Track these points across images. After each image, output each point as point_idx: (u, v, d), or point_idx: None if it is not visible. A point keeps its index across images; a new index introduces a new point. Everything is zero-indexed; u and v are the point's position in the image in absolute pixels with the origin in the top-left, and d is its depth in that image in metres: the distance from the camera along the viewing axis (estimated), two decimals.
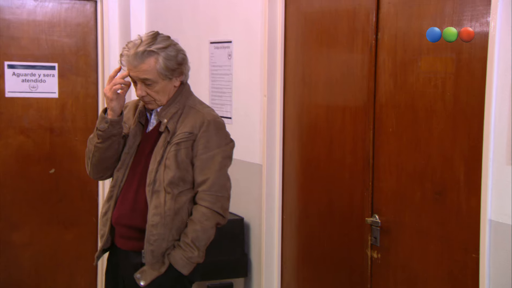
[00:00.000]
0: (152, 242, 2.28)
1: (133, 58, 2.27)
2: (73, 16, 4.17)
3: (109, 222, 2.39)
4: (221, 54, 3.56)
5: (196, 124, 2.33)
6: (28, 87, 4.07)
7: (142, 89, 2.31)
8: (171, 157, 2.31)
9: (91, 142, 2.40)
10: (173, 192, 2.30)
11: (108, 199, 2.42)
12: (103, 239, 2.42)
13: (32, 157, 4.10)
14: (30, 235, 4.11)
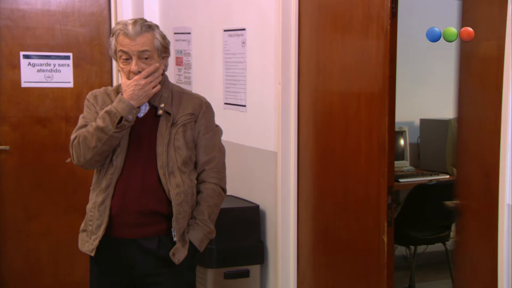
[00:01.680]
0: (180, 221, 2.35)
1: (133, 31, 2.29)
2: (87, 6, 4.18)
3: (107, 211, 2.32)
4: (235, 42, 3.55)
5: (196, 106, 2.44)
6: (44, 77, 4.10)
7: (139, 64, 2.31)
8: (180, 138, 2.39)
9: (104, 131, 2.27)
10: (187, 171, 2.39)
11: (106, 187, 2.33)
12: (99, 229, 2.32)
13: (48, 147, 4.13)
14: (47, 224, 4.15)
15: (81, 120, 2.41)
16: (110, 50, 2.39)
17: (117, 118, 2.27)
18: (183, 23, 4.02)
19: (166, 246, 2.35)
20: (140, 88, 2.28)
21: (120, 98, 2.30)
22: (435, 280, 4.63)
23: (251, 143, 3.49)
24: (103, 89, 2.47)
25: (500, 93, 2.07)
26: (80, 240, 2.43)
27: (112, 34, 2.36)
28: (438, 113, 4.81)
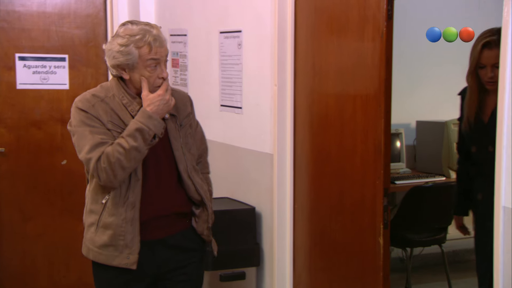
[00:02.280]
0: (211, 216, 2.47)
1: (162, 37, 2.30)
2: (82, 7, 4.17)
3: (138, 223, 2.30)
4: (231, 44, 3.55)
5: (188, 103, 2.50)
6: (39, 79, 4.09)
7: (166, 70, 2.32)
8: (189, 139, 2.45)
9: (139, 149, 2.22)
10: (198, 169, 2.49)
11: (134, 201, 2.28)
12: (134, 242, 2.30)
13: (44, 149, 4.12)
14: (43, 226, 4.14)
15: (91, 137, 2.25)
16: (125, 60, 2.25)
17: (151, 136, 2.24)
18: (179, 25, 4.02)
19: (189, 238, 2.45)
20: (165, 103, 2.26)
21: (148, 114, 2.24)
22: (431, 282, 4.63)
23: (247, 145, 3.49)
24: (92, 95, 2.32)
25: None
26: (103, 255, 2.32)
27: (134, 44, 2.24)
28: (434, 115, 4.81)
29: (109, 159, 2.21)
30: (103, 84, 2.42)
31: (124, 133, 2.25)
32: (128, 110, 2.31)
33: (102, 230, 2.32)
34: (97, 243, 2.33)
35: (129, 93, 2.33)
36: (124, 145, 2.21)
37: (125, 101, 2.31)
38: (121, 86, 2.33)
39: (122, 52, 2.25)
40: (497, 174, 2.04)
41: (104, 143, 2.24)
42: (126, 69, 2.28)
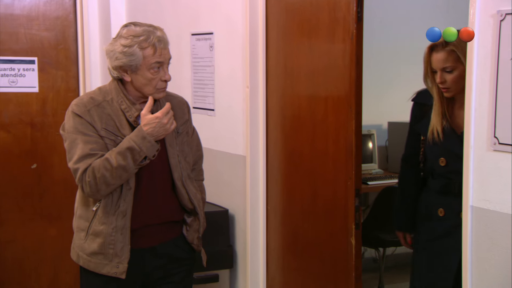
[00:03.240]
0: (202, 224, 2.47)
1: (166, 39, 2.27)
2: (52, 10, 4.12)
3: (129, 232, 2.27)
4: (203, 46, 3.54)
5: (185, 110, 2.46)
6: (7, 81, 4.02)
7: (169, 73, 2.29)
8: (186, 147, 2.43)
9: (126, 169, 2.19)
10: (192, 177, 2.47)
11: (125, 210, 2.25)
12: (124, 251, 2.26)
13: (13, 153, 4.05)
14: (13, 232, 4.07)
15: (82, 147, 2.22)
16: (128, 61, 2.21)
17: (141, 157, 2.20)
18: None
19: (180, 247, 2.43)
20: (161, 126, 2.21)
21: (143, 134, 2.19)
22: (404, 281, 4.66)
23: (219, 147, 3.48)
24: (90, 98, 2.27)
25: None
26: (92, 263, 2.29)
27: (137, 45, 2.20)
28: (406, 116, 4.83)
29: (94, 173, 2.19)
30: (101, 86, 2.36)
31: (115, 149, 2.20)
32: (126, 116, 2.27)
33: (92, 237, 2.29)
34: (86, 251, 2.31)
35: (128, 98, 2.28)
36: (112, 161, 2.17)
37: (123, 106, 2.27)
38: (120, 90, 2.28)
39: (125, 53, 2.20)
40: (465, 173, 2.07)
41: (93, 155, 2.20)
42: (128, 70, 2.24)
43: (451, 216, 2.49)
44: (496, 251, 2.00)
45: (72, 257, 2.38)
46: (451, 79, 2.47)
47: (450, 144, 2.51)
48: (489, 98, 1.99)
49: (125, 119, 2.26)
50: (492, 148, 1.98)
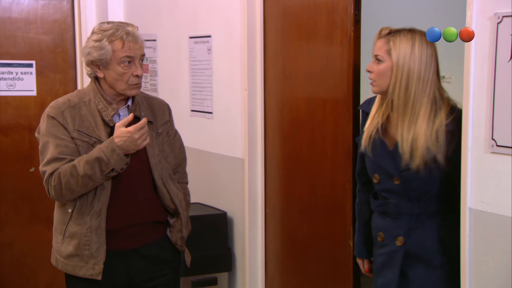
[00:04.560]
0: (186, 225, 2.45)
1: (137, 34, 2.28)
2: (50, 13, 4.12)
3: (104, 232, 2.27)
4: (201, 49, 3.54)
5: (166, 111, 2.48)
6: (5, 85, 4.02)
7: (141, 69, 2.29)
8: (166, 147, 2.43)
9: (92, 178, 2.19)
10: (174, 178, 2.46)
11: (100, 210, 2.25)
12: (100, 251, 2.26)
13: (11, 156, 4.05)
14: (11, 235, 4.06)
15: (52, 150, 2.23)
16: (98, 55, 2.23)
17: (109, 169, 2.20)
18: (149, 30, 4.00)
19: (164, 249, 2.42)
20: (132, 141, 2.19)
21: (113, 146, 2.18)
22: None
23: (218, 150, 3.48)
24: (66, 100, 2.30)
25: None
26: (69, 266, 2.30)
27: (107, 39, 2.23)
28: None
29: (60, 178, 2.21)
30: (81, 89, 2.40)
31: (85, 157, 2.21)
32: (102, 116, 2.28)
33: (68, 240, 2.29)
34: (63, 254, 2.31)
35: (105, 98, 2.30)
36: (79, 169, 2.19)
37: (100, 106, 2.29)
38: (98, 90, 2.30)
39: (95, 48, 2.24)
40: (463, 175, 2.07)
41: (61, 159, 2.22)
42: (100, 66, 2.26)
43: (389, 241, 2.23)
44: (494, 253, 2.00)
45: (52, 262, 2.37)
46: (377, 70, 2.16)
47: (380, 159, 2.22)
48: (487, 100, 1.99)
49: (101, 119, 2.28)
50: (490, 150, 1.99)
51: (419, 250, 2.18)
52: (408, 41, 2.12)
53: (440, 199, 2.18)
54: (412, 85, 2.10)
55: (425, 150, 2.10)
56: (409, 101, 2.11)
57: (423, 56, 2.11)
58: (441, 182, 2.15)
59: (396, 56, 2.12)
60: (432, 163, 2.11)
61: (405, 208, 2.19)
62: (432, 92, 2.12)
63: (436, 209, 2.18)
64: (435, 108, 2.12)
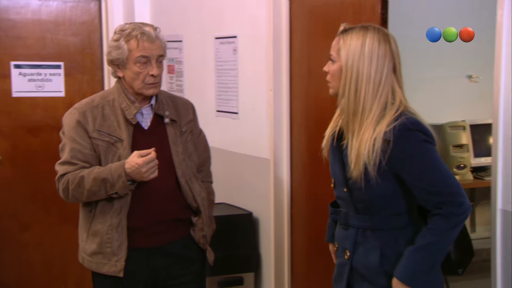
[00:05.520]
0: (209, 224, 2.47)
1: (153, 34, 2.30)
2: (78, 15, 4.17)
3: (125, 230, 2.30)
4: (226, 49, 3.55)
5: (190, 110, 2.51)
6: (35, 86, 4.09)
7: (157, 68, 2.31)
8: (190, 145, 2.45)
9: (96, 195, 2.26)
10: (198, 176, 2.48)
11: (120, 208, 2.29)
12: (121, 249, 2.30)
13: (40, 156, 4.11)
14: (40, 235, 4.13)
15: (66, 153, 2.30)
16: (116, 54, 2.28)
17: (113, 192, 2.25)
18: (175, 31, 4.02)
19: (188, 247, 2.43)
20: (139, 173, 2.21)
21: (120, 172, 2.22)
22: None
23: (243, 150, 3.49)
24: (89, 100, 2.36)
25: None
26: (93, 263, 2.35)
27: (124, 38, 2.28)
28: (430, 118, 4.79)
29: (67, 185, 2.29)
30: (108, 89, 2.46)
31: (95, 172, 2.26)
32: (125, 114, 2.32)
33: (92, 238, 2.34)
34: (87, 251, 2.35)
35: (128, 97, 2.34)
36: (86, 183, 2.25)
37: (123, 105, 2.33)
38: (121, 90, 2.35)
39: (114, 47, 2.30)
40: (493, 177, 2.04)
41: (73, 164, 2.29)
42: (119, 65, 2.32)
43: (340, 253, 2.11)
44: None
45: (79, 260, 2.43)
46: (331, 71, 2.03)
47: (334, 165, 2.11)
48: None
49: (123, 118, 2.32)
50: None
51: (362, 268, 1.98)
52: (358, 40, 1.91)
53: (388, 214, 1.93)
54: (362, 88, 1.89)
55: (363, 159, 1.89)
56: (358, 106, 1.90)
57: (374, 56, 1.90)
58: (383, 195, 1.91)
59: (345, 56, 1.92)
60: (369, 173, 1.89)
61: (353, 219, 2.00)
62: (384, 95, 1.89)
63: (383, 225, 1.94)
64: (384, 114, 1.88)
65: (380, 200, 1.92)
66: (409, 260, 1.83)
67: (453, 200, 1.81)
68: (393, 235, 1.92)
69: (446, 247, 1.85)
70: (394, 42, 1.97)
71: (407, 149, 1.83)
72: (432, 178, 1.82)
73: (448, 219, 1.81)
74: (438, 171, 1.83)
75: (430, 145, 1.85)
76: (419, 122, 1.89)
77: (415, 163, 1.83)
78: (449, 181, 1.84)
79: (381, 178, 1.87)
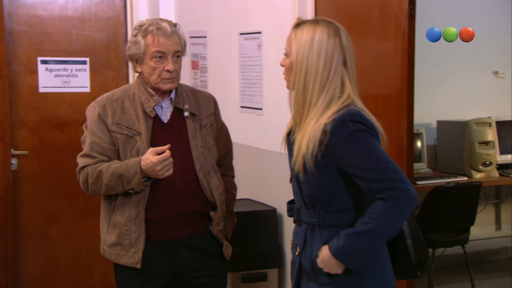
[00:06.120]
0: (229, 218, 2.49)
1: (170, 30, 2.31)
2: (103, 11, 4.20)
3: (143, 222, 2.33)
4: (251, 45, 3.55)
5: (211, 104, 2.51)
6: (61, 82, 4.13)
7: (174, 64, 2.32)
8: (210, 139, 2.45)
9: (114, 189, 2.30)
10: (218, 170, 2.48)
11: (139, 200, 2.32)
12: (139, 241, 2.33)
13: (66, 151, 4.15)
14: (66, 229, 4.18)
15: (87, 145, 2.35)
16: (134, 50, 2.32)
17: (129, 187, 2.28)
18: (199, 27, 4.03)
19: (208, 241, 2.44)
20: (153, 171, 2.24)
21: (136, 169, 2.25)
22: (454, 283, 4.59)
23: (268, 146, 3.49)
24: (110, 94, 2.40)
25: None
26: (113, 254, 2.39)
27: (141, 34, 2.31)
28: (455, 115, 4.78)
29: (87, 178, 2.34)
30: (130, 83, 2.49)
31: (113, 167, 2.29)
32: (144, 108, 2.35)
33: (112, 229, 2.38)
34: (107, 242, 2.40)
35: (147, 91, 2.37)
36: (104, 177, 2.29)
37: (143, 99, 2.36)
38: (142, 84, 2.38)
39: (132, 42, 2.34)
40: None
41: (92, 157, 2.34)
42: (137, 60, 2.35)
43: (294, 249, 2.06)
44: None
45: (100, 251, 2.48)
46: (286, 65, 2.03)
47: (289, 158, 2.06)
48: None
49: (142, 111, 2.35)
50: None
51: (307, 265, 1.95)
52: (308, 34, 1.91)
53: (334, 210, 1.90)
54: (310, 82, 1.90)
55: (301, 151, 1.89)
56: (306, 99, 1.91)
57: (322, 51, 1.89)
58: (326, 189, 1.89)
59: (296, 50, 1.93)
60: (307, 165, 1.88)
61: (303, 215, 1.97)
62: (332, 89, 1.89)
63: (329, 222, 1.91)
64: (329, 106, 1.88)
65: (324, 195, 1.90)
66: (345, 242, 1.83)
67: (393, 186, 1.79)
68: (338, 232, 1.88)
69: (385, 233, 1.83)
70: (345, 36, 1.96)
71: (344, 139, 1.83)
72: (371, 166, 1.81)
73: (388, 203, 1.79)
74: (377, 159, 1.82)
75: (367, 135, 1.85)
76: (361, 113, 1.89)
77: (353, 152, 1.83)
78: (389, 166, 1.82)
79: (319, 170, 1.87)
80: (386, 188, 1.80)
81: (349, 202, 1.90)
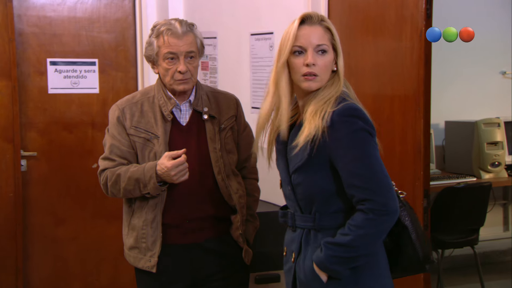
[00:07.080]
0: (245, 223, 2.43)
1: (181, 30, 2.28)
2: (112, 12, 4.19)
3: (160, 226, 2.32)
4: (262, 46, 3.54)
5: (233, 106, 2.47)
6: (70, 83, 4.12)
7: (186, 65, 2.30)
8: (230, 142, 2.42)
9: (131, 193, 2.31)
10: (238, 174, 2.45)
11: (156, 203, 2.31)
12: (155, 245, 2.32)
13: (75, 152, 4.14)
14: (75, 230, 4.16)
15: (107, 148, 2.37)
16: (149, 51, 2.32)
17: (146, 192, 2.29)
18: (209, 28, 4.02)
19: (229, 244, 2.41)
20: (168, 175, 2.24)
21: (152, 174, 2.25)
22: (463, 284, 4.59)
23: None
24: (130, 97, 2.40)
25: None
26: (131, 257, 2.39)
27: (154, 35, 2.32)
28: (463, 115, 4.78)
29: (106, 181, 2.35)
30: (150, 85, 2.46)
31: (131, 171, 2.29)
32: (162, 111, 2.34)
33: (131, 232, 2.38)
34: (127, 245, 2.40)
35: (165, 93, 2.36)
36: (122, 181, 2.30)
37: (161, 102, 2.35)
38: (160, 86, 2.37)
39: (148, 44, 2.35)
40: None
41: (111, 160, 2.35)
42: (153, 62, 2.35)
43: (288, 257, 2.01)
44: None
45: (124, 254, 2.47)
46: (323, 64, 1.91)
47: (279, 160, 2.04)
48: None
49: (160, 114, 2.34)
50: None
51: (300, 274, 1.92)
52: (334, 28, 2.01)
53: (331, 211, 1.88)
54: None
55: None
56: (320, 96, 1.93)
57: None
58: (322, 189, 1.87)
59: (339, 48, 1.97)
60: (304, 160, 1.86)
61: (298, 219, 1.93)
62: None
63: (325, 224, 1.88)
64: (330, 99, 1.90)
65: (320, 195, 1.87)
66: (324, 252, 1.82)
67: (375, 199, 1.77)
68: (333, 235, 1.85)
69: (365, 245, 1.80)
70: None
71: (343, 136, 1.82)
72: (360, 172, 1.79)
73: (367, 216, 1.77)
74: (369, 165, 1.80)
75: (368, 135, 1.84)
76: (360, 109, 1.90)
77: (348, 152, 1.81)
78: (378, 176, 1.80)
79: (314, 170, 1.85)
80: (367, 199, 1.78)
81: (346, 202, 1.87)
